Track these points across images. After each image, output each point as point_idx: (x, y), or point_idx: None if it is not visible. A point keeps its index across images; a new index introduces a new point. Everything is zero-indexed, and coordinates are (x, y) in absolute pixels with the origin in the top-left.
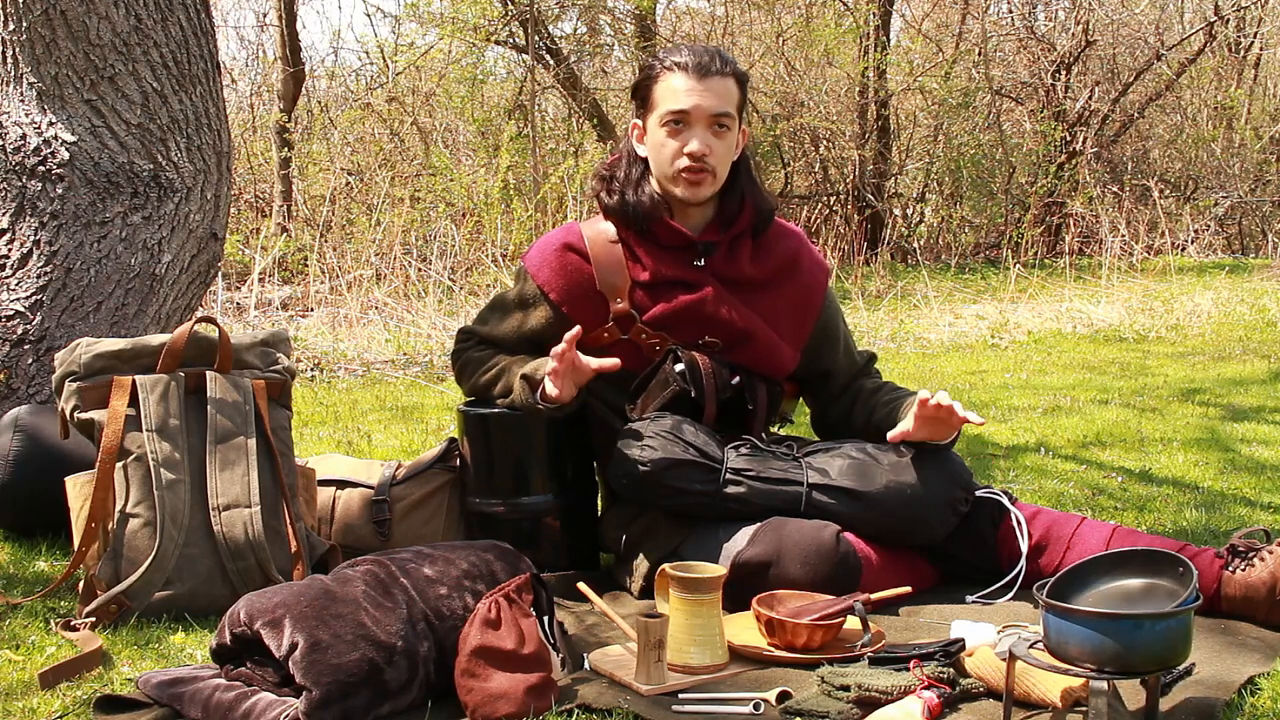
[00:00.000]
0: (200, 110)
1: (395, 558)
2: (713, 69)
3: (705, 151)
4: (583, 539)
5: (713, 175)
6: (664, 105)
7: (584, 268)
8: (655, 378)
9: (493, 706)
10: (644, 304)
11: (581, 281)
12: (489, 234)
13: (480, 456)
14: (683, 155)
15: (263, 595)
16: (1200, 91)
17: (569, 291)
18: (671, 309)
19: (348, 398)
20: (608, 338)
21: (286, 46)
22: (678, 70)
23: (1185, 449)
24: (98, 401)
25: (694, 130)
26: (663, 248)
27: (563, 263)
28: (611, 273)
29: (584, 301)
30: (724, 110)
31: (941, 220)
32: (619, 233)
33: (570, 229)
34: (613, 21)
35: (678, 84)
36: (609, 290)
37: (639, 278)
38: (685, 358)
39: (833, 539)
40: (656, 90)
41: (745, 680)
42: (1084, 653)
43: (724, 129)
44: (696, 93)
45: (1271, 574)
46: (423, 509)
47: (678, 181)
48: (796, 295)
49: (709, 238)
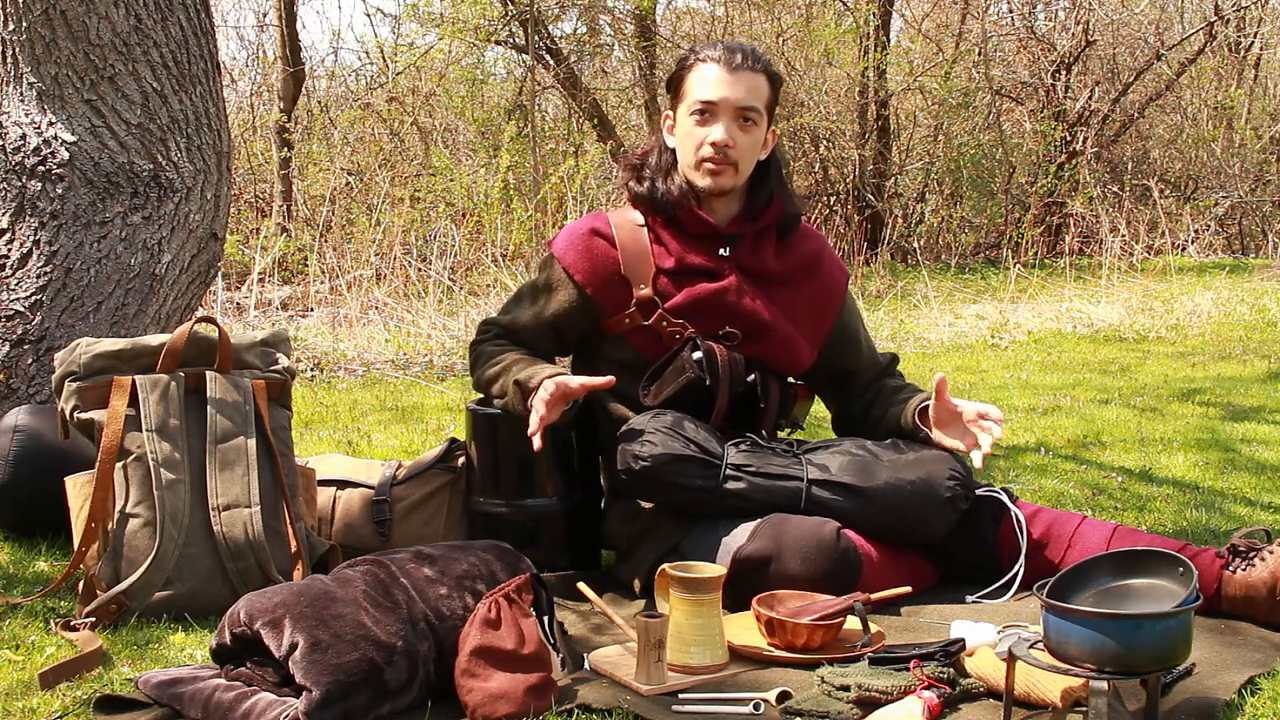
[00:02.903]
0: (200, 110)
1: (394, 558)
2: (743, 63)
3: (728, 142)
4: (584, 540)
5: (734, 167)
6: (693, 95)
7: (610, 252)
8: (672, 364)
9: (493, 706)
10: (668, 291)
11: (607, 266)
12: (489, 234)
13: (486, 457)
14: (706, 145)
15: (262, 595)
16: (1200, 91)
17: (594, 275)
18: (694, 297)
19: (348, 398)
20: (629, 323)
21: (286, 46)
22: (709, 61)
23: (1185, 449)
24: (97, 401)
25: (720, 121)
26: (688, 236)
27: (589, 246)
28: (637, 258)
29: (609, 286)
30: (751, 104)
31: (941, 220)
32: (646, 220)
33: (598, 216)
34: (613, 21)
35: (708, 74)
36: (634, 276)
37: (664, 264)
38: (704, 346)
39: (833, 535)
40: (688, 80)
41: (745, 680)
42: (1084, 653)
43: (750, 123)
44: (725, 84)
45: (1272, 574)
46: (423, 509)
47: (700, 170)
48: (816, 294)
49: (735, 229)
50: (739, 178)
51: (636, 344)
